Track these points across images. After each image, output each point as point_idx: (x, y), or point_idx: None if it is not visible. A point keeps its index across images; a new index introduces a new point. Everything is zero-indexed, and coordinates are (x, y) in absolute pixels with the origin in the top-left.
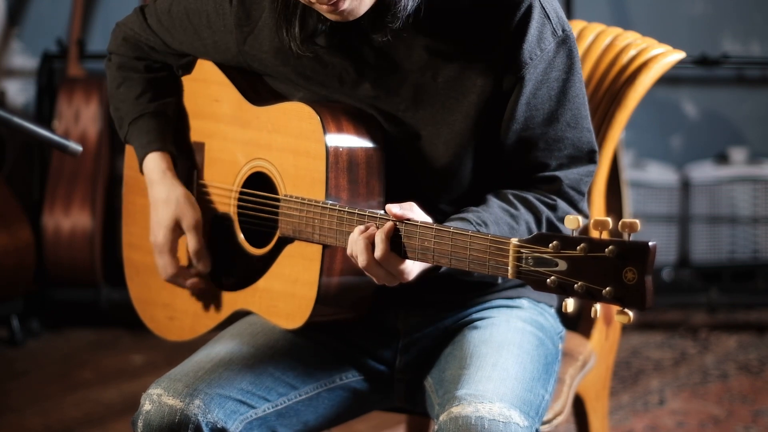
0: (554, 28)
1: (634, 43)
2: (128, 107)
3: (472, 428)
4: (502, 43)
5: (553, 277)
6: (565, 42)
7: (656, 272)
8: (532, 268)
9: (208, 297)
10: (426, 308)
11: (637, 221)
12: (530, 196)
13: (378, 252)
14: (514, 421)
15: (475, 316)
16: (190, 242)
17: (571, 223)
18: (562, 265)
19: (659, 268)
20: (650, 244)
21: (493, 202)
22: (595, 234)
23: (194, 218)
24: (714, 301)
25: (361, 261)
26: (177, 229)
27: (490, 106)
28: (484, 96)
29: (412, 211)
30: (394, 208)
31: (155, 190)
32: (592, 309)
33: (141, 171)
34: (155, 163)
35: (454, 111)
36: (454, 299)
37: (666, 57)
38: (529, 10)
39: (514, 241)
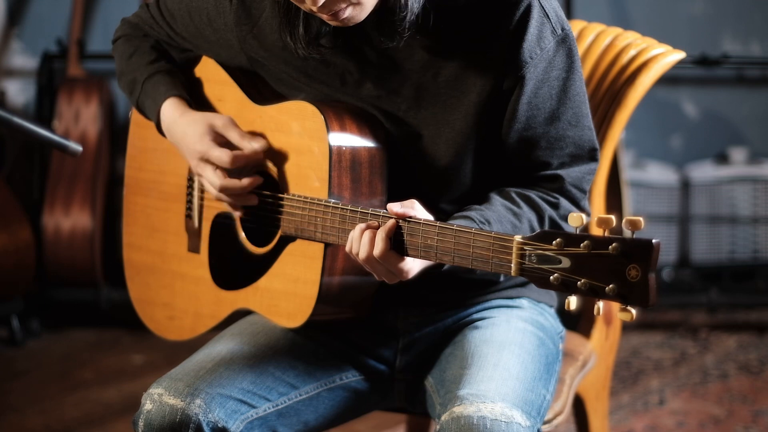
0: (554, 27)
1: (634, 43)
2: (141, 70)
3: (474, 428)
4: (502, 42)
5: (556, 275)
6: (564, 41)
7: (656, 272)
8: (536, 266)
9: (209, 296)
10: (426, 308)
11: (641, 219)
12: (533, 195)
13: (377, 250)
14: (516, 421)
15: (475, 316)
16: (232, 135)
17: (575, 220)
18: (566, 263)
19: (659, 268)
20: (654, 241)
21: (496, 200)
22: (598, 231)
23: (225, 118)
24: (714, 301)
25: (361, 258)
26: (213, 132)
27: (491, 105)
28: (484, 95)
29: (414, 208)
30: (395, 207)
31: (179, 125)
32: (595, 306)
33: (157, 125)
34: (174, 106)
35: (454, 110)
36: (454, 299)
37: (666, 57)
38: (529, 9)
39: (518, 238)
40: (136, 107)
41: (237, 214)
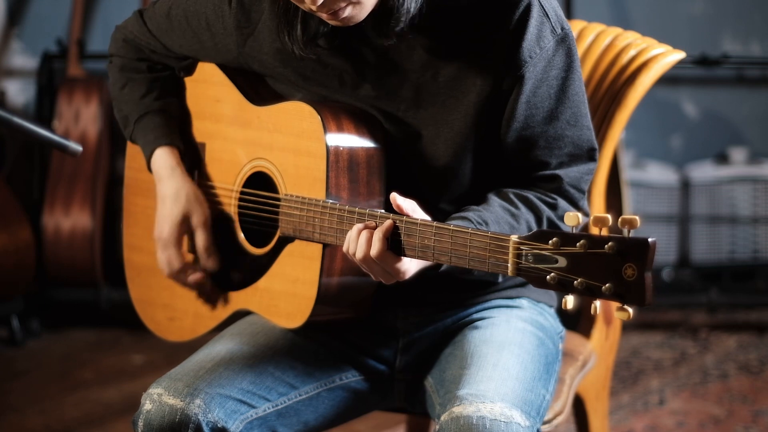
0: (553, 27)
1: (634, 43)
2: (132, 107)
3: (473, 428)
4: (502, 41)
5: (553, 274)
6: (564, 40)
7: (656, 272)
8: (532, 265)
9: (209, 297)
10: (426, 308)
11: (637, 217)
12: (531, 195)
13: (374, 250)
14: (515, 421)
15: (475, 316)
16: (199, 239)
17: (571, 220)
18: (562, 262)
19: (659, 268)
20: (650, 240)
21: (494, 201)
22: (595, 231)
23: (204, 215)
24: (714, 301)
25: (358, 258)
26: (184, 225)
27: (490, 105)
28: (483, 95)
29: (415, 210)
30: (398, 199)
31: (164, 186)
32: (592, 306)
33: (149, 168)
34: (164, 159)
35: (454, 110)
36: (453, 299)
37: (666, 57)
38: (528, 8)
39: (514, 238)
40: (130, 141)
41: (235, 217)
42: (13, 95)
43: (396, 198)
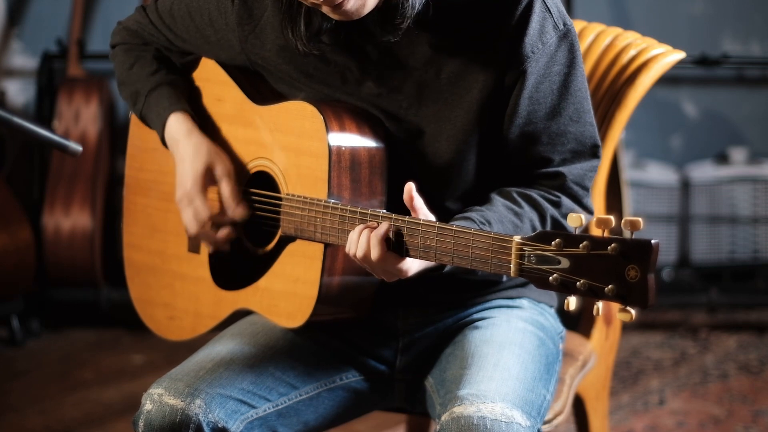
0: (555, 22)
1: (634, 43)
2: (143, 82)
3: (474, 428)
4: (504, 37)
5: (555, 275)
6: (566, 36)
7: (656, 272)
8: (535, 266)
9: (209, 296)
10: (426, 308)
11: (640, 219)
12: (534, 194)
13: (374, 254)
14: (516, 421)
15: (475, 316)
16: (225, 188)
17: (574, 221)
18: (565, 263)
19: (659, 268)
20: (653, 242)
21: (497, 201)
22: (597, 232)
23: (227, 166)
24: (714, 301)
25: (359, 258)
26: (208, 176)
27: (493, 101)
28: (486, 91)
29: (420, 209)
30: (414, 191)
31: (182, 146)
32: (594, 307)
33: (162, 140)
34: (179, 123)
35: (456, 107)
36: (454, 299)
37: (666, 57)
38: (531, 4)
39: (517, 239)
40: (139, 118)
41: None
42: (13, 95)
43: (412, 189)
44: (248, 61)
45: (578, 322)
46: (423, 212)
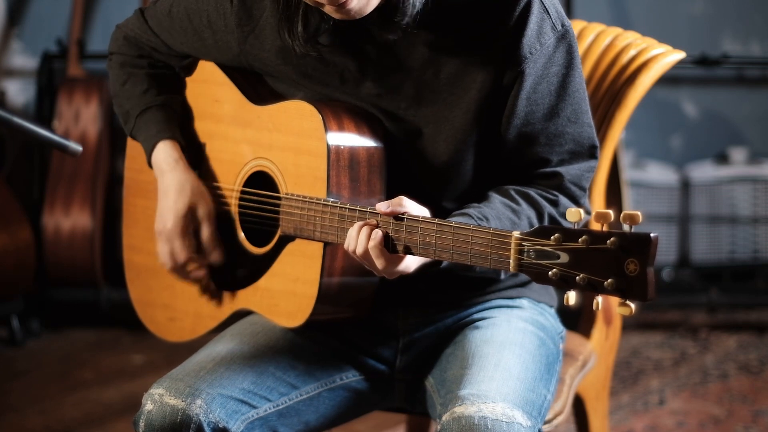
0: (554, 23)
1: (634, 43)
2: (134, 102)
3: (475, 428)
4: (502, 38)
5: (554, 270)
6: (564, 37)
7: (656, 272)
8: (534, 261)
9: (209, 297)
10: (426, 308)
11: (639, 213)
12: (532, 192)
13: (374, 252)
14: (517, 421)
15: (476, 316)
16: (204, 231)
17: (573, 215)
18: (564, 258)
19: (659, 268)
20: (652, 235)
21: (495, 198)
22: (596, 227)
23: (209, 207)
24: (714, 301)
25: (359, 254)
26: (189, 217)
27: (491, 101)
28: (484, 92)
29: (402, 205)
30: (382, 207)
31: (167, 178)
32: (594, 301)
33: (149, 163)
34: (166, 153)
35: (455, 107)
36: (454, 299)
37: (666, 57)
38: (529, 5)
39: (516, 234)
40: (130, 137)
41: (236, 216)
42: (13, 95)
43: (380, 207)
44: (247, 63)
45: (578, 322)
46: (411, 207)
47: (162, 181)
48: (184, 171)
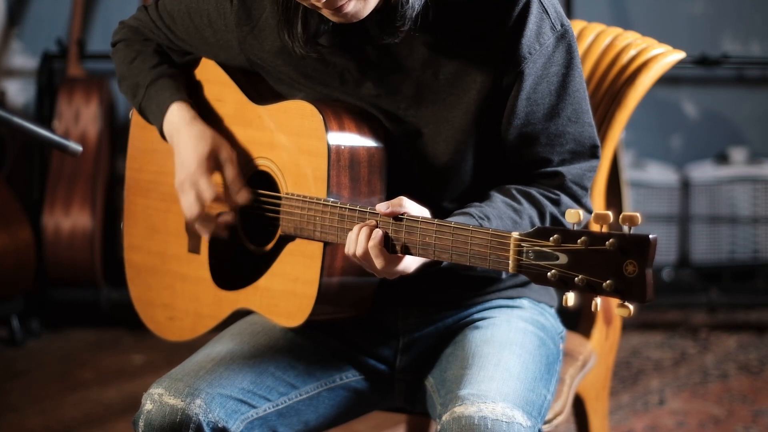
0: (553, 23)
1: (634, 43)
2: (144, 75)
3: (475, 428)
4: (501, 38)
5: (553, 271)
6: (564, 37)
7: (656, 272)
8: (533, 262)
9: (209, 296)
10: (426, 308)
11: (638, 214)
12: (533, 191)
13: (374, 254)
14: (517, 421)
15: (476, 316)
16: (229, 172)
17: (572, 216)
18: (563, 259)
19: (659, 268)
20: (651, 236)
21: (496, 197)
22: (596, 228)
23: (232, 152)
24: (714, 301)
25: (359, 255)
26: (213, 160)
27: (490, 101)
28: (484, 92)
29: (402, 205)
30: (382, 208)
31: (184, 134)
32: (593, 302)
33: (160, 130)
34: (182, 112)
35: (454, 108)
36: (454, 299)
37: (666, 57)
38: (528, 5)
39: (515, 235)
40: (138, 111)
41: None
42: (13, 95)
43: (380, 208)
44: (247, 62)
45: (578, 322)
46: (412, 207)
47: (179, 137)
48: (201, 124)
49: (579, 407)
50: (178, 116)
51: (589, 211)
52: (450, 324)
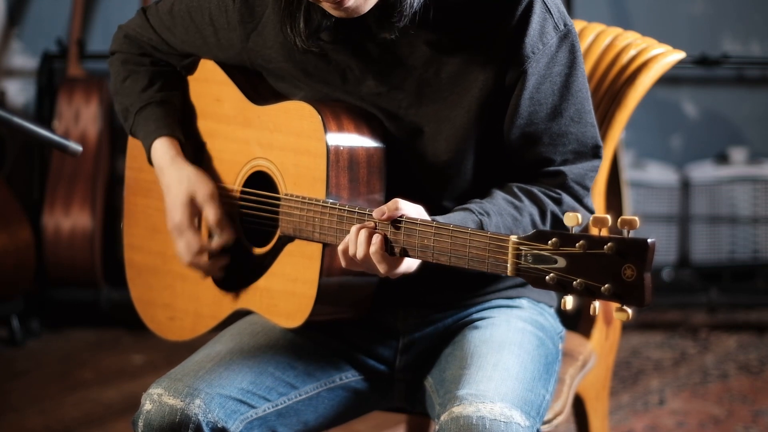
0: (556, 23)
1: (634, 43)
2: (134, 98)
3: (473, 428)
4: (504, 37)
5: (552, 275)
6: (567, 36)
7: (656, 272)
8: (531, 266)
9: (209, 296)
10: (426, 308)
11: (636, 218)
12: (535, 189)
13: (375, 257)
14: (515, 421)
15: (475, 316)
16: (209, 213)
17: (570, 220)
18: (561, 262)
19: (659, 268)
20: (649, 240)
21: (497, 194)
22: (594, 231)
23: (209, 189)
24: (714, 301)
25: (359, 257)
26: (192, 205)
27: (492, 100)
28: (486, 91)
29: (398, 208)
30: (378, 214)
31: (166, 175)
32: (591, 306)
33: (149, 160)
34: (164, 150)
35: (456, 106)
36: (453, 299)
37: (666, 57)
38: (531, 4)
39: (514, 238)
40: (130, 134)
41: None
42: (13, 95)
43: (377, 215)
44: (248, 60)
45: (578, 322)
46: (408, 208)
47: (162, 180)
48: (181, 164)
49: (579, 407)
50: (160, 154)
51: (590, 211)
52: (449, 324)
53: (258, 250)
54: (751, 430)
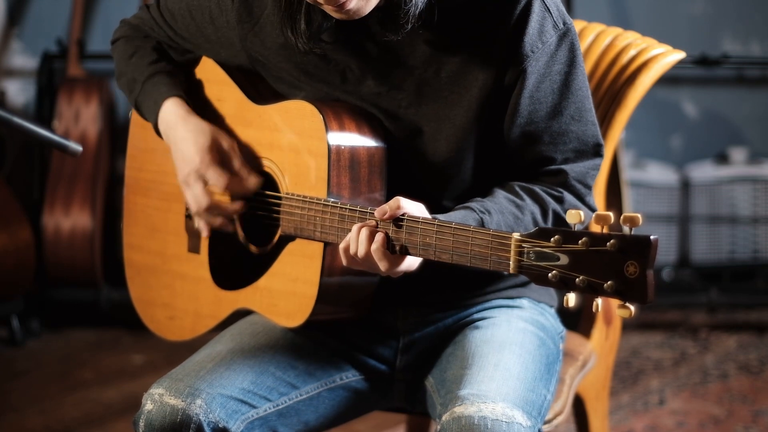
0: (555, 22)
1: (634, 43)
2: (141, 70)
3: (475, 428)
4: (504, 36)
5: (554, 272)
6: (566, 35)
7: (656, 272)
8: (534, 263)
9: (209, 296)
10: (426, 308)
11: (639, 215)
12: (537, 188)
13: (377, 255)
14: (517, 421)
15: (476, 316)
16: (234, 161)
17: (573, 217)
18: (564, 260)
19: (659, 268)
20: (652, 237)
21: (499, 193)
22: (596, 228)
23: (232, 141)
24: (714, 301)
25: (360, 256)
26: (216, 149)
27: (492, 100)
28: (486, 90)
29: (400, 207)
30: (380, 214)
31: (181, 128)
32: (594, 303)
33: (156, 127)
34: (176, 107)
35: (456, 106)
36: (454, 299)
37: (666, 57)
38: (530, 3)
39: (516, 235)
40: (134, 106)
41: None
42: (13, 95)
43: (378, 214)
44: (248, 59)
45: (578, 322)
46: (409, 206)
47: (175, 134)
48: (197, 119)
49: (579, 407)
50: (172, 112)
51: (592, 209)
52: (450, 324)
53: (258, 250)
54: (751, 430)
